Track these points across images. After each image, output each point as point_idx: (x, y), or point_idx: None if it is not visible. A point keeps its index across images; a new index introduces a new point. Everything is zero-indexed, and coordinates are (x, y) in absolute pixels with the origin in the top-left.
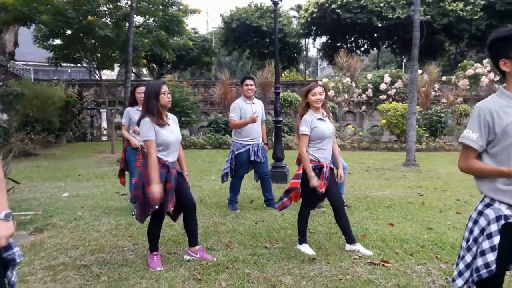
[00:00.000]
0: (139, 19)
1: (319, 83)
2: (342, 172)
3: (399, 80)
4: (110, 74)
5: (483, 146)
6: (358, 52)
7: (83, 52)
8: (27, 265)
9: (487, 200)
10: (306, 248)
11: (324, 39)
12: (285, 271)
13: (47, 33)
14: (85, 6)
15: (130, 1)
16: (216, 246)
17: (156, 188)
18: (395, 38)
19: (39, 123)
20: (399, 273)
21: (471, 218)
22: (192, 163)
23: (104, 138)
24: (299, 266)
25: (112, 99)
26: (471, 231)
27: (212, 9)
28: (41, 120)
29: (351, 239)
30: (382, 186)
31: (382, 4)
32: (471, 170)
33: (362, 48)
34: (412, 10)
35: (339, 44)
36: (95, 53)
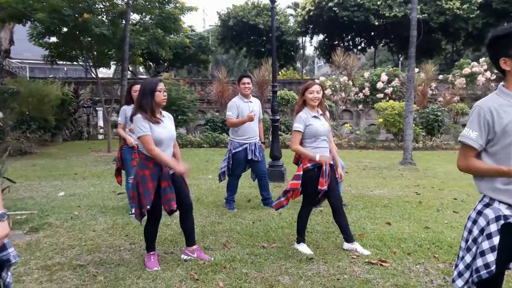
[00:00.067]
0: (135, 16)
1: (316, 81)
2: (341, 171)
3: (396, 78)
4: (106, 72)
5: (482, 145)
6: (355, 50)
7: (79, 50)
8: (23, 265)
9: (486, 199)
10: (303, 248)
11: (321, 37)
12: (282, 271)
13: (43, 30)
14: (81, 4)
15: None
16: (213, 246)
17: (176, 164)
18: (392, 36)
19: (35, 122)
20: (397, 272)
21: (470, 218)
22: (189, 162)
23: (100, 136)
24: (297, 265)
25: (108, 97)
26: (470, 231)
27: (208, 6)
28: (37, 118)
29: (349, 238)
30: (379, 185)
31: (379, 2)
32: (470, 170)
33: (359, 47)
34: (409, 8)
35: (336, 42)
36: (91, 51)
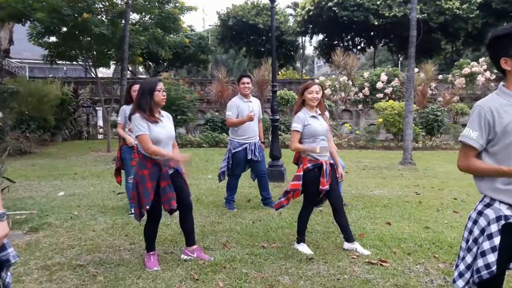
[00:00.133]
0: (135, 16)
1: (316, 81)
2: (342, 171)
3: (396, 78)
4: (106, 72)
5: (483, 145)
6: (354, 50)
7: (79, 50)
8: (23, 265)
9: (487, 200)
10: (303, 248)
11: (320, 37)
12: (282, 271)
13: (42, 30)
14: (80, 3)
15: None
16: (213, 246)
17: (172, 155)
18: (392, 36)
19: (34, 121)
20: (397, 272)
21: (470, 218)
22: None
23: (100, 136)
24: (297, 265)
25: (108, 97)
26: (471, 231)
27: (208, 6)
28: (36, 118)
29: (349, 238)
30: (379, 185)
31: (378, 2)
32: (470, 170)
33: (359, 46)
34: (409, 8)
35: (335, 42)
36: (90, 50)
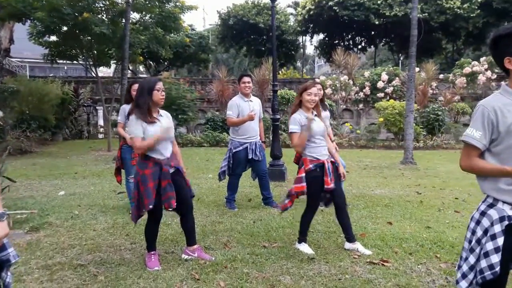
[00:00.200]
0: (135, 15)
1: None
2: (343, 170)
3: (397, 78)
4: (106, 71)
5: (486, 145)
6: (355, 49)
7: (79, 49)
8: (23, 264)
9: (490, 200)
10: (305, 247)
11: (321, 36)
12: (284, 271)
13: (43, 29)
14: (80, 2)
15: None
16: (214, 245)
17: (153, 139)
18: (392, 35)
19: (35, 121)
20: (399, 272)
21: (473, 219)
22: (189, 161)
23: (100, 135)
24: (298, 265)
25: (108, 96)
26: (474, 231)
27: (209, 5)
28: (37, 117)
29: (351, 238)
30: (380, 185)
31: (379, 2)
32: (473, 170)
33: (360, 46)
34: (410, 7)
35: (336, 41)
36: (91, 50)
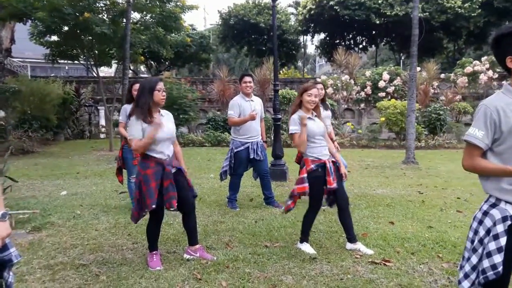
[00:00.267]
0: (136, 15)
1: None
2: (345, 170)
3: (398, 77)
4: (107, 71)
5: (488, 144)
6: (356, 49)
7: (80, 49)
8: (25, 264)
9: (493, 200)
10: (306, 247)
11: (322, 36)
12: (285, 271)
13: (44, 29)
14: (81, 2)
15: None
16: (216, 245)
17: (147, 138)
18: (394, 35)
19: (36, 121)
20: (401, 272)
21: (475, 218)
22: (191, 161)
23: (102, 135)
24: (300, 265)
25: (110, 96)
26: (476, 231)
27: (209, 5)
28: (38, 117)
29: (352, 238)
30: (382, 184)
31: (380, 1)
32: (476, 169)
33: (361, 45)
34: (411, 7)
35: (337, 41)
36: (92, 49)
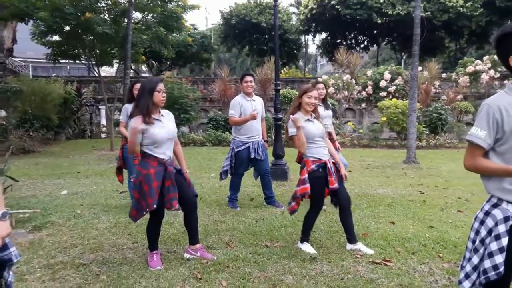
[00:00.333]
0: (137, 15)
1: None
2: (345, 171)
3: (399, 77)
4: (109, 71)
5: (490, 144)
6: (357, 48)
7: (82, 49)
8: (26, 263)
9: (494, 200)
10: (307, 247)
11: (323, 35)
12: (286, 270)
13: (45, 29)
14: (83, 2)
15: None
16: (216, 245)
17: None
18: (395, 34)
19: (37, 120)
20: (401, 272)
21: (477, 218)
22: (192, 161)
23: (103, 135)
24: (300, 265)
25: (111, 95)
26: (478, 231)
27: (211, 5)
28: (39, 117)
29: (352, 239)
30: (383, 184)
31: (382, 1)
32: (478, 169)
33: (362, 45)
34: (412, 6)
35: (338, 40)
36: (93, 49)
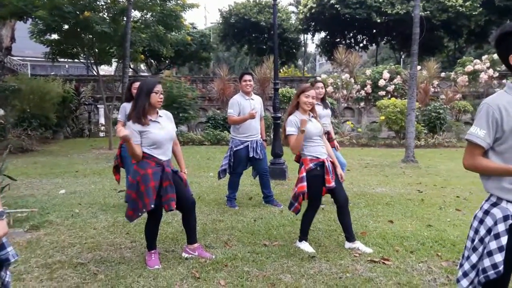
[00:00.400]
0: (136, 13)
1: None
2: (341, 171)
3: (398, 76)
4: (107, 70)
5: (490, 143)
6: (356, 48)
7: (80, 47)
8: (23, 263)
9: (494, 199)
10: (305, 246)
11: (322, 34)
12: (284, 269)
13: (44, 28)
14: (82, 1)
15: None
16: (214, 244)
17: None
18: (394, 34)
19: (36, 119)
20: (400, 271)
21: (476, 217)
22: (190, 160)
23: (101, 134)
24: (299, 264)
25: (109, 94)
26: (477, 230)
27: (210, 4)
28: (38, 116)
29: (351, 237)
30: (381, 183)
31: (381, 0)
32: (477, 168)
33: (361, 44)
34: (411, 5)
35: (337, 39)
36: (92, 48)
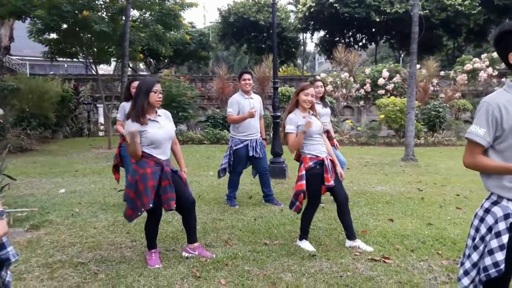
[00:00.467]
0: (135, 13)
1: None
2: (341, 170)
3: (397, 75)
4: (106, 69)
5: (490, 142)
6: (356, 46)
7: (79, 47)
8: (24, 262)
9: (494, 197)
10: (306, 245)
11: (322, 33)
12: (285, 268)
13: (42, 27)
14: (80, 0)
15: None
16: (215, 243)
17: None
18: (393, 32)
19: (35, 119)
20: (400, 269)
21: (476, 216)
22: (190, 159)
23: (101, 133)
24: (299, 262)
25: (108, 94)
26: (477, 229)
27: (209, 3)
28: (37, 115)
29: (351, 235)
30: (381, 181)
31: None
32: (477, 167)
33: (360, 43)
34: (410, 4)
35: (337, 38)
36: (91, 47)
